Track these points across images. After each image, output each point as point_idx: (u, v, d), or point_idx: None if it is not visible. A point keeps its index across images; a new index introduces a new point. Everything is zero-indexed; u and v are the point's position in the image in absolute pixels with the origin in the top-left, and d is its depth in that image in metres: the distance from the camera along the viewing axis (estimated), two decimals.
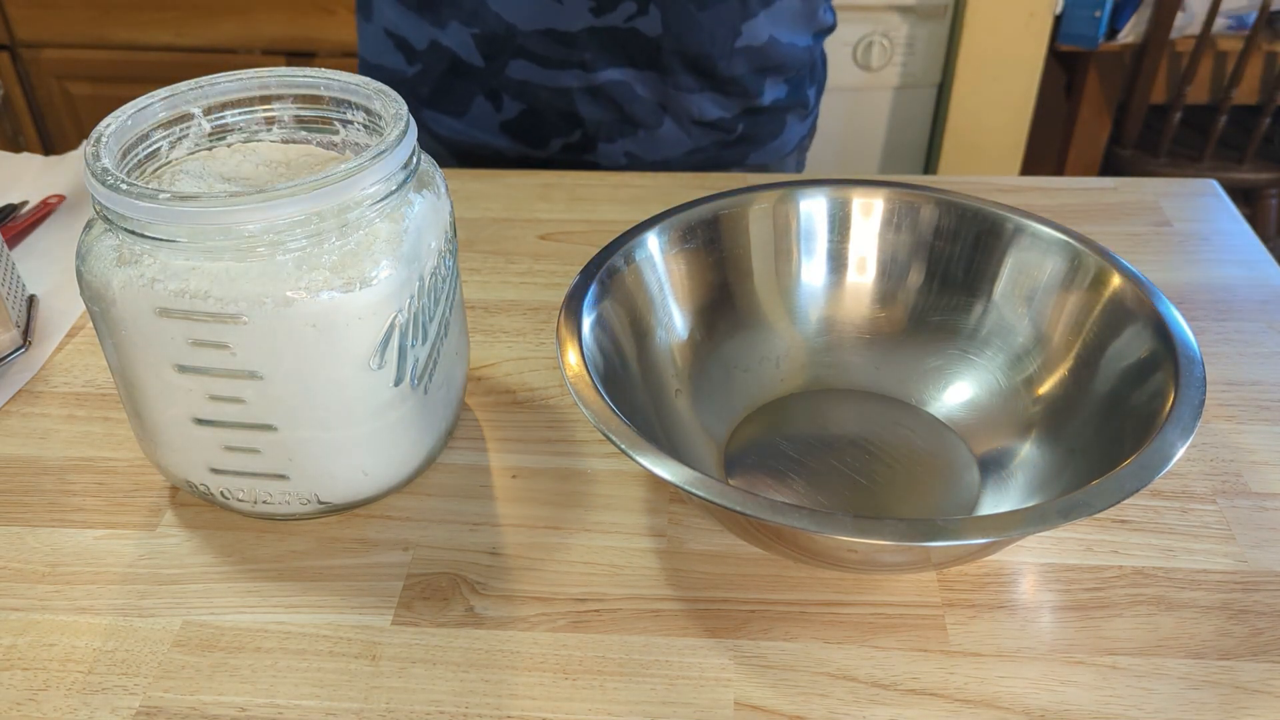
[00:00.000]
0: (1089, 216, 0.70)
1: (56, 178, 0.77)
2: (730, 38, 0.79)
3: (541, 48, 0.78)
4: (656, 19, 0.77)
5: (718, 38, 0.79)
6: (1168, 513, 0.48)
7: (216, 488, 0.46)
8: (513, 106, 0.82)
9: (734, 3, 0.78)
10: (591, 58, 0.79)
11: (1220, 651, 0.42)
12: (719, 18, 0.78)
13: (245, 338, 0.40)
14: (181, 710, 0.40)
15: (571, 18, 0.76)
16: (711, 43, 0.79)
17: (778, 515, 0.36)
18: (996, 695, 0.40)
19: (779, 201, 0.54)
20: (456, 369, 0.50)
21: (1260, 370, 0.56)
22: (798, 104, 0.88)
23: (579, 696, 0.40)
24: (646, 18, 0.76)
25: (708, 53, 0.79)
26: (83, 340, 0.61)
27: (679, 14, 0.76)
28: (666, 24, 0.77)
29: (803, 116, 0.90)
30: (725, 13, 0.78)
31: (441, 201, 0.46)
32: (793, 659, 0.42)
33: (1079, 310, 0.49)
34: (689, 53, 0.79)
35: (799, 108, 0.88)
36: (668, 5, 0.76)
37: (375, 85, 0.46)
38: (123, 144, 0.43)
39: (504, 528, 0.48)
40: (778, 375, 0.54)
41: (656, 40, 0.78)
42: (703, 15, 0.77)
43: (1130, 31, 1.67)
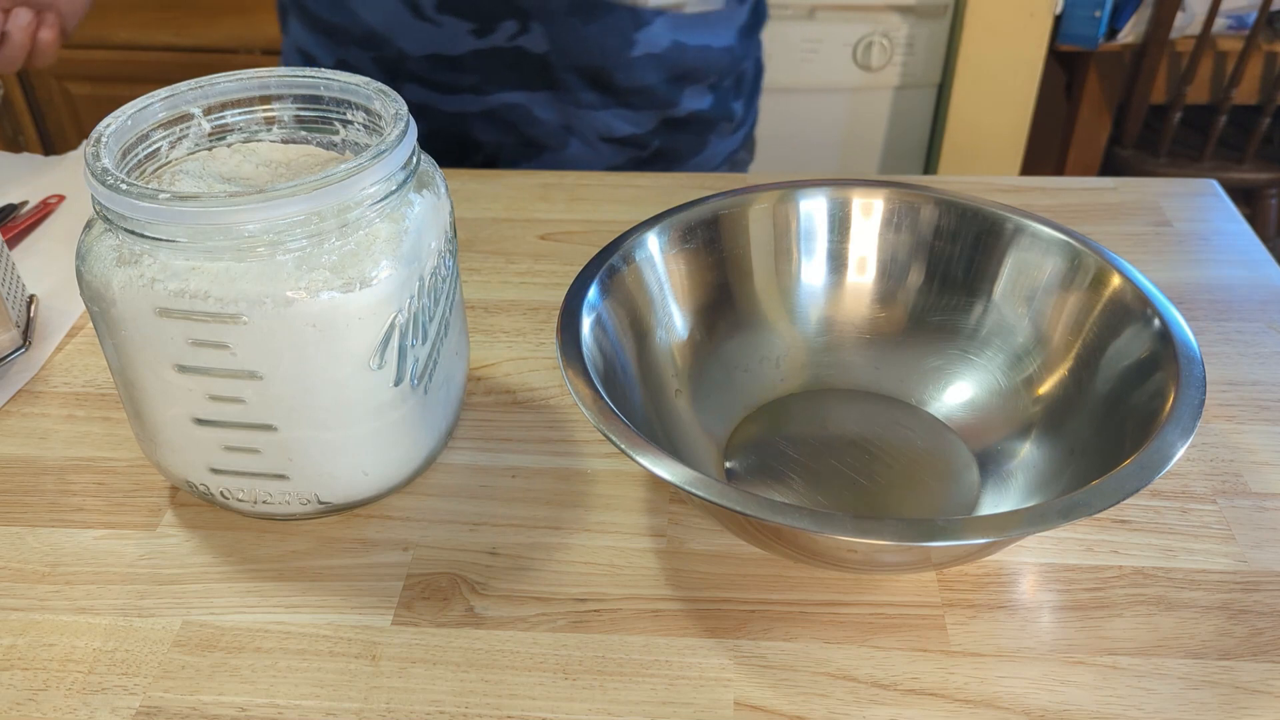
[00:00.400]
0: (1089, 216, 0.70)
1: (56, 178, 0.77)
2: (624, 48, 0.76)
3: (430, 72, 0.77)
4: (540, 35, 0.74)
5: (609, 49, 0.76)
6: (1168, 513, 0.48)
7: (216, 488, 0.46)
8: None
9: (622, 12, 0.75)
10: (481, 81, 0.77)
11: (1220, 651, 0.42)
12: (608, 29, 0.75)
13: (245, 338, 0.40)
14: (181, 710, 0.40)
15: (453, 42, 0.75)
16: (603, 54, 0.76)
17: (778, 515, 0.36)
18: (996, 695, 0.40)
19: (779, 201, 0.54)
20: (456, 369, 0.50)
21: (1260, 370, 0.56)
22: (721, 117, 0.84)
23: (579, 696, 0.40)
24: (530, 35, 0.74)
25: (600, 65, 0.77)
26: (83, 340, 0.61)
27: (563, 28, 0.74)
28: (552, 39, 0.75)
29: (729, 130, 0.86)
30: (614, 23, 0.75)
31: (441, 201, 0.46)
32: (793, 659, 0.42)
33: (1079, 310, 0.49)
34: (581, 67, 0.77)
35: (723, 121, 0.85)
36: (550, 20, 0.74)
37: (375, 85, 0.46)
38: (123, 144, 0.43)
39: (504, 528, 0.48)
40: (778, 375, 0.54)
41: (544, 57, 0.76)
42: (589, 28, 0.74)
43: (1130, 31, 1.67)
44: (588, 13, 0.74)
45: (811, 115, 1.78)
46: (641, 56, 0.77)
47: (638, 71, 0.78)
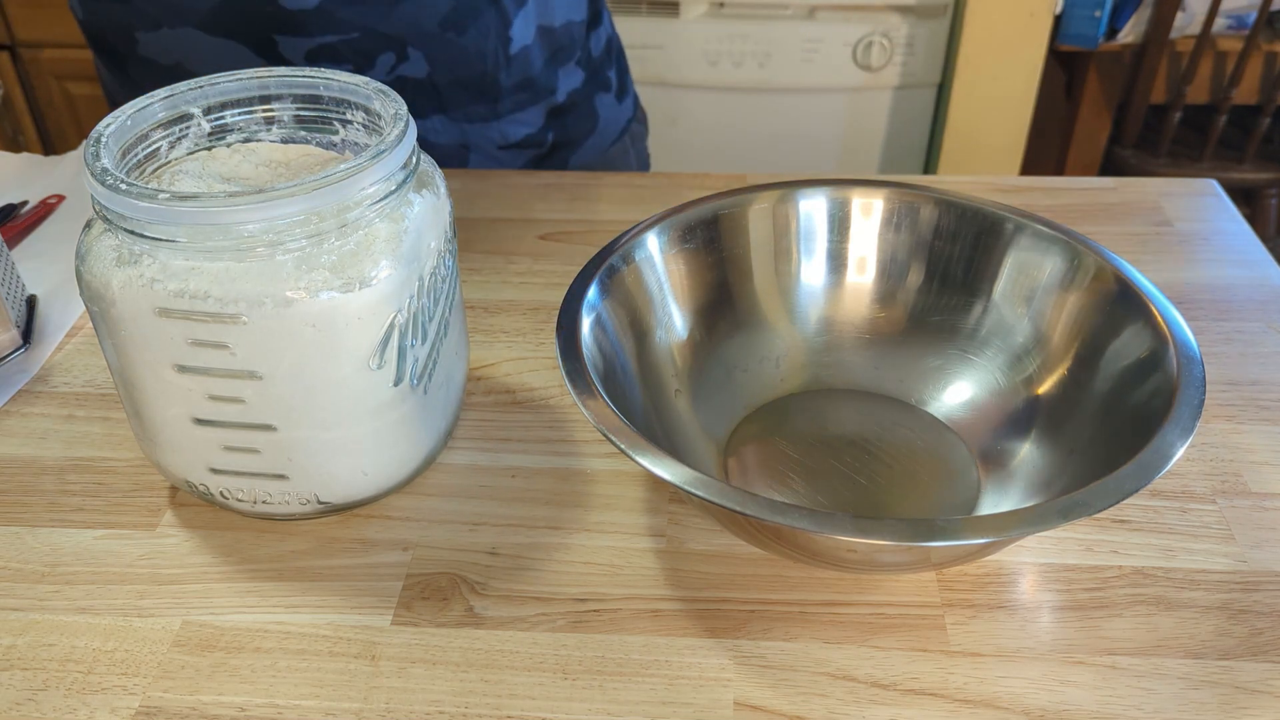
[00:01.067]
0: (1089, 216, 0.70)
1: (56, 178, 0.77)
2: (501, 47, 0.76)
3: None
4: (420, 60, 0.74)
5: (488, 53, 0.76)
6: (1168, 513, 0.48)
7: (216, 488, 0.46)
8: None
9: (491, 15, 0.74)
10: None
11: (1220, 651, 0.42)
12: (482, 33, 0.74)
13: (245, 338, 0.40)
14: (181, 710, 0.40)
15: None
16: (483, 60, 0.76)
17: (778, 515, 0.36)
18: (996, 695, 0.40)
19: (779, 201, 0.54)
20: (456, 369, 0.50)
21: (1260, 370, 0.56)
22: (599, 87, 0.84)
23: (579, 696, 0.40)
24: (409, 62, 0.74)
25: (482, 71, 0.76)
26: (83, 340, 0.61)
27: (440, 45, 0.73)
28: (431, 60, 0.74)
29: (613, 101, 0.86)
30: (487, 26, 0.74)
31: (441, 201, 0.46)
32: (793, 659, 0.42)
33: (1079, 310, 0.49)
34: (465, 79, 0.76)
35: (601, 90, 0.85)
36: (427, 42, 0.73)
37: (375, 85, 0.46)
38: (122, 144, 0.43)
39: (504, 528, 0.48)
40: (778, 375, 0.54)
41: (429, 80, 0.75)
42: (465, 39, 0.74)
43: (1130, 31, 1.67)
44: (459, 24, 0.73)
45: (811, 115, 1.78)
46: (518, 52, 0.77)
47: (517, 67, 0.78)
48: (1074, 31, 1.67)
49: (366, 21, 0.71)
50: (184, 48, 0.72)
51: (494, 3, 0.74)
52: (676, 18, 1.69)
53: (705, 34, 1.70)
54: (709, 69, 1.73)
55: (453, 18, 0.73)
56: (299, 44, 0.71)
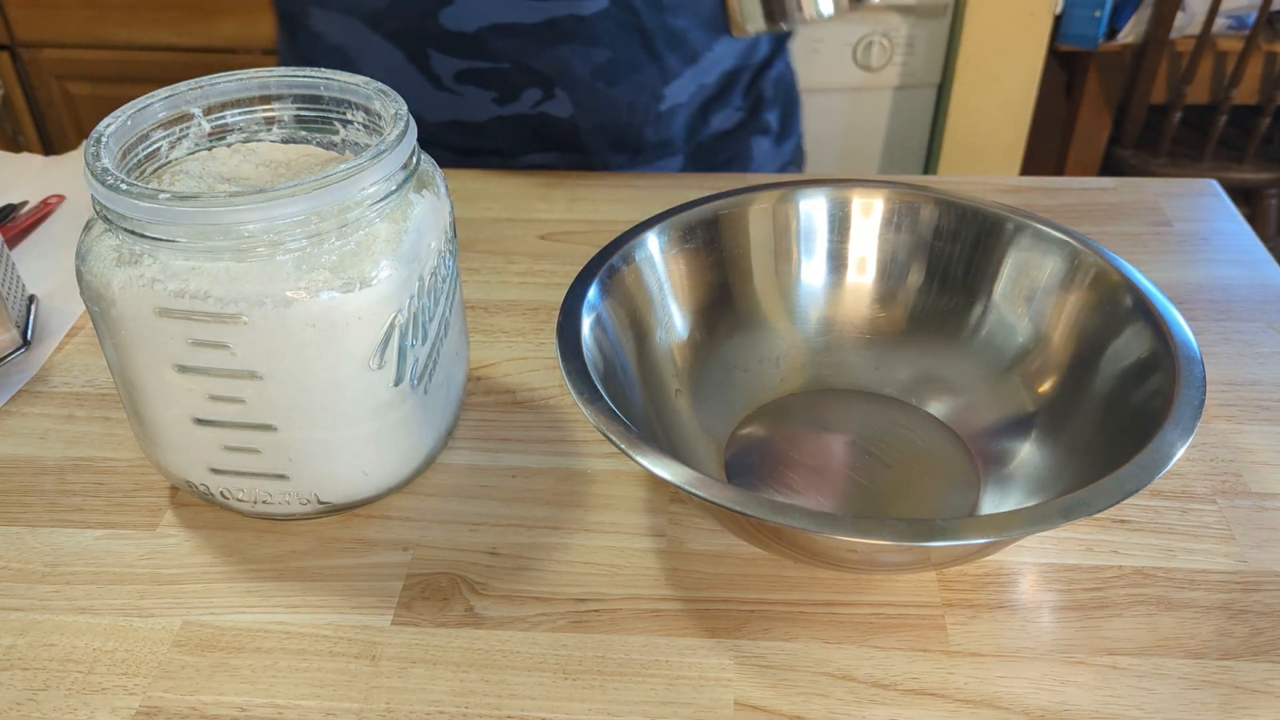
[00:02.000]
0: (1089, 216, 0.70)
1: (56, 178, 0.77)
2: (652, 103, 0.74)
3: (451, 138, 0.76)
4: (565, 101, 0.73)
5: (636, 108, 0.74)
6: (1168, 513, 0.48)
7: (216, 488, 0.46)
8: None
9: (650, 71, 0.72)
10: (505, 144, 0.76)
11: (1220, 651, 0.42)
12: (635, 88, 0.73)
13: (245, 338, 0.40)
14: (181, 710, 0.40)
15: (475, 109, 0.74)
16: (630, 113, 0.74)
17: (778, 515, 0.36)
18: (996, 695, 0.40)
19: (779, 201, 0.54)
20: (456, 369, 0.50)
21: (1260, 370, 0.56)
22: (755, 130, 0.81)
23: (579, 696, 0.40)
24: (554, 101, 0.73)
25: (627, 123, 0.75)
26: (83, 340, 0.61)
27: (587, 93, 0.72)
28: (577, 104, 0.73)
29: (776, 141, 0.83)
30: (642, 82, 0.73)
31: (441, 201, 0.46)
32: (793, 659, 0.42)
33: (1079, 310, 0.49)
34: (607, 128, 0.75)
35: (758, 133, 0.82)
36: (574, 86, 0.72)
37: (375, 85, 0.46)
38: (123, 144, 0.43)
39: (504, 528, 0.48)
40: (778, 375, 0.54)
41: (570, 121, 0.74)
42: (616, 90, 0.72)
43: (1130, 31, 1.67)
44: (612, 76, 0.72)
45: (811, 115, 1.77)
46: (668, 109, 0.75)
47: (664, 124, 0.76)
48: (1074, 31, 1.67)
49: (520, 56, 0.70)
50: (348, 35, 0.73)
51: (656, 60, 0.72)
52: None
53: None
54: None
55: (607, 69, 0.72)
56: (450, 63, 0.71)
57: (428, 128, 0.75)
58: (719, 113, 0.79)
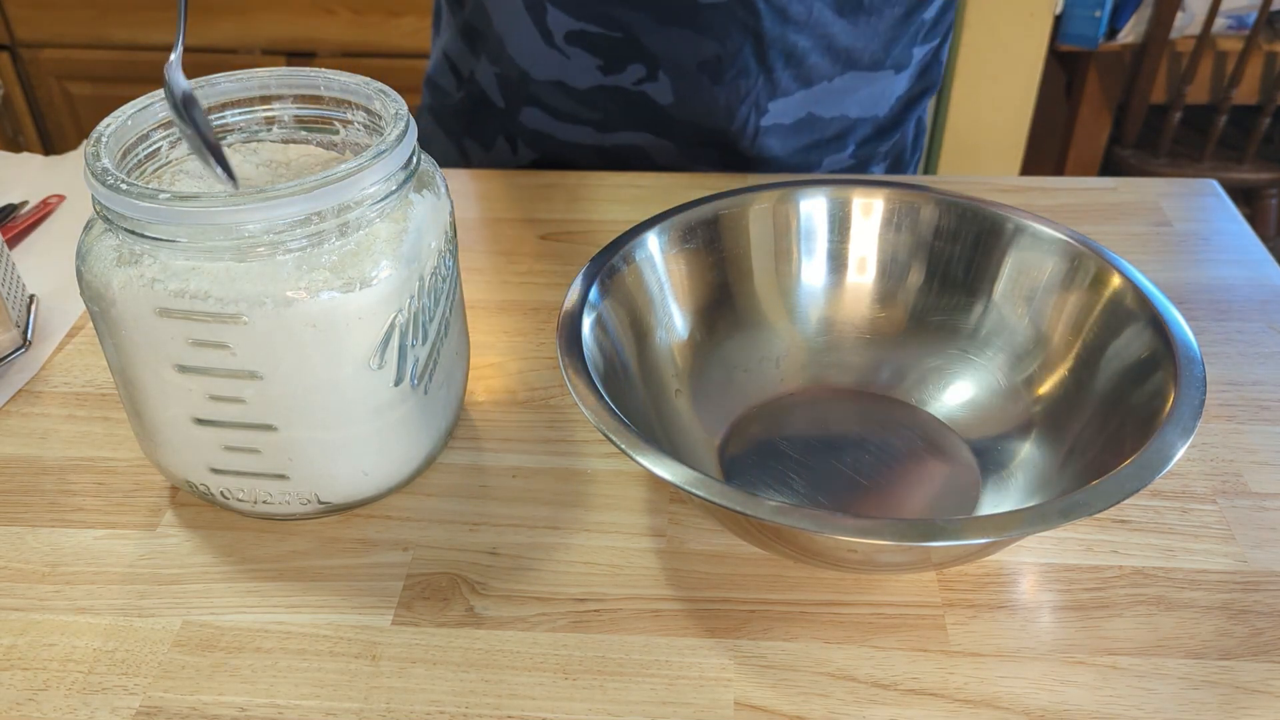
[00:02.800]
0: (1089, 216, 0.70)
1: (56, 178, 0.77)
2: (753, 115, 0.72)
3: (553, 99, 0.75)
4: (666, 86, 0.72)
5: (736, 114, 0.72)
6: (1168, 513, 0.48)
7: (216, 488, 0.46)
8: (527, 154, 0.79)
9: (756, 77, 0.70)
10: (604, 118, 0.75)
11: (1220, 651, 0.42)
12: (736, 92, 0.70)
13: (245, 338, 0.40)
14: (181, 710, 0.40)
15: (579, 73, 0.73)
16: (729, 118, 0.72)
17: (778, 515, 0.36)
18: (996, 695, 0.40)
19: (779, 201, 0.54)
20: (456, 369, 0.50)
21: (1260, 370, 0.56)
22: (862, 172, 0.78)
23: (579, 696, 0.40)
24: (656, 84, 0.72)
25: (724, 128, 0.73)
26: (83, 340, 0.61)
27: (690, 84, 0.71)
28: (677, 93, 0.72)
29: None
30: (745, 87, 0.70)
31: (441, 201, 0.46)
32: (793, 659, 0.42)
33: (1079, 310, 0.49)
34: (703, 128, 0.73)
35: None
36: (678, 73, 0.70)
37: (375, 85, 0.46)
38: (123, 144, 0.43)
39: (504, 528, 0.48)
40: (778, 375, 0.54)
41: (668, 109, 0.73)
42: (718, 89, 0.70)
43: (1130, 31, 1.67)
44: (717, 71, 0.70)
45: None
46: (772, 127, 0.73)
47: (763, 141, 0.74)
48: (1074, 31, 1.67)
49: (631, 27, 0.69)
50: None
51: (765, 70, 0.70)
52: None
53: None
54: None
55: (713, 63, 0.70)
56: (564, 21, 0.71)
57: (533, 84, 0.75)
58: (833, 155, 0.77)
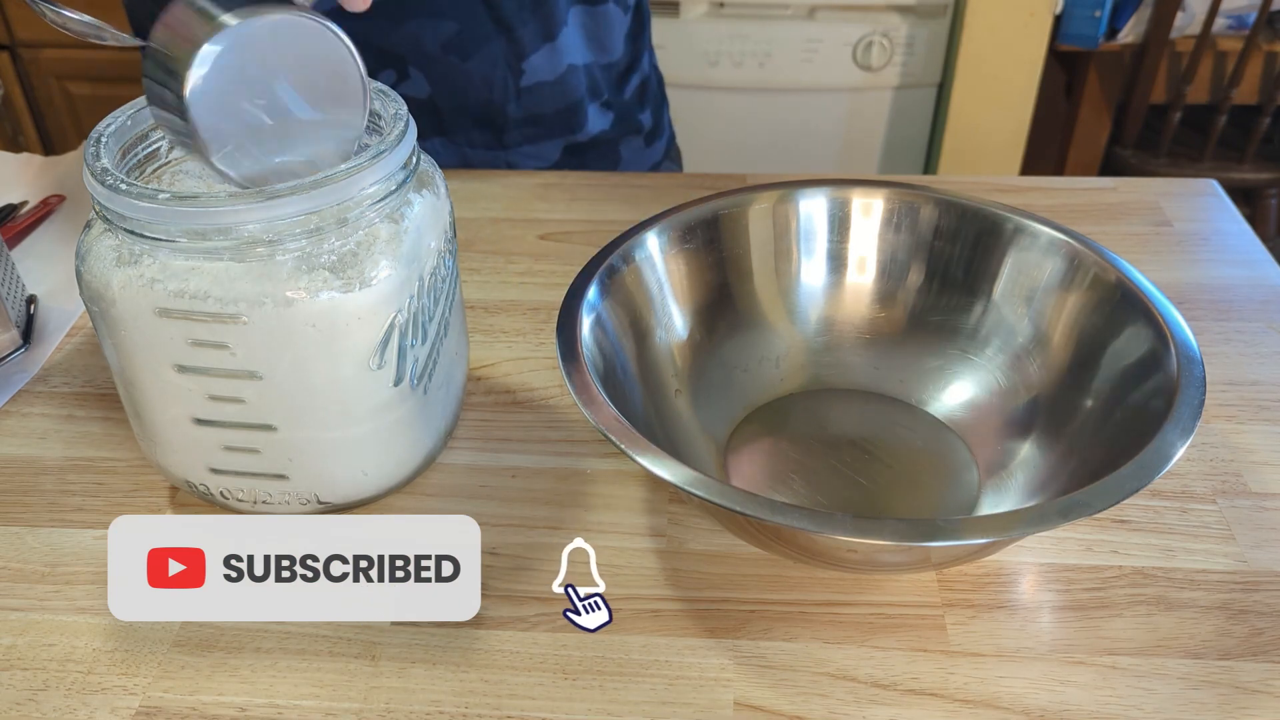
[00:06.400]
0: (1089, 216, 0.70)
1: (56, 178, 0.77)
2: (510, 78, 0.74)
3: None
4: (421, 81, 0.73)
5: (495, 82, 0.73)
6: (1168, 513, 0.48)
7: (216, 488, 0.46)
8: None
9: (499, 44, 0.72)
10: None
11: (1220, 651, 0.42)
12: (489, 62, 0.72)
13: (245, 338, 0.40)
14: (181, 710, 0.40)
15: None
16: (489, 88, 0.74)
17: (778, 515, 0.36)
18: (996, 695, 0.40)
19: (779, 201, 0.54)
20: (456, 369, 0.50)
21: (1260, 370, 0.56)
22: (628, 130, 0.82)
23: (579, 696, 0.40)
24: (410, 81, 0.73)
25: (487, 99, 0.74)
26: (83, 340, 0.61)
27: (442, 69, 0.72)
28: (433, 82, 0.73)
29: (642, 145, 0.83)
30: (493, 55, 0.72)
31: (441, 201, 0.46)
32: (793, 659, 0.42)
33: (1079, 310, 0.49)
34: (468, 106, 0.74)
35: (630, 133, 0.82)
36: (428, 64, 0.72)
37: (375, 85, 0.46)
38: (123, 144, 0.43)
39: (504, 528, 0.48)
40: (778, 375, 0.54)
41: (430, 101, 0.74)
42: (469, 64, 0.72)
43: (1130, 31, 1.67)
44: (462, 49, 0.72)
45: (811, 115, 1.78)
46: (532, 86, 0.75)
47: (528, 101, 0.75)
48: (1074, 31, 1.67)
49: (369, 37, 0.70)
50: None
51: (506, 31, 0.72)
52: (676, 18, 1.69)
53: (705, 34, 1.70)
54: (709, 69, 1.73)
55: (456, 42, 0.71)
56: None
57: None
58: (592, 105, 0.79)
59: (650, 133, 0.85)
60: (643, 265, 0.50)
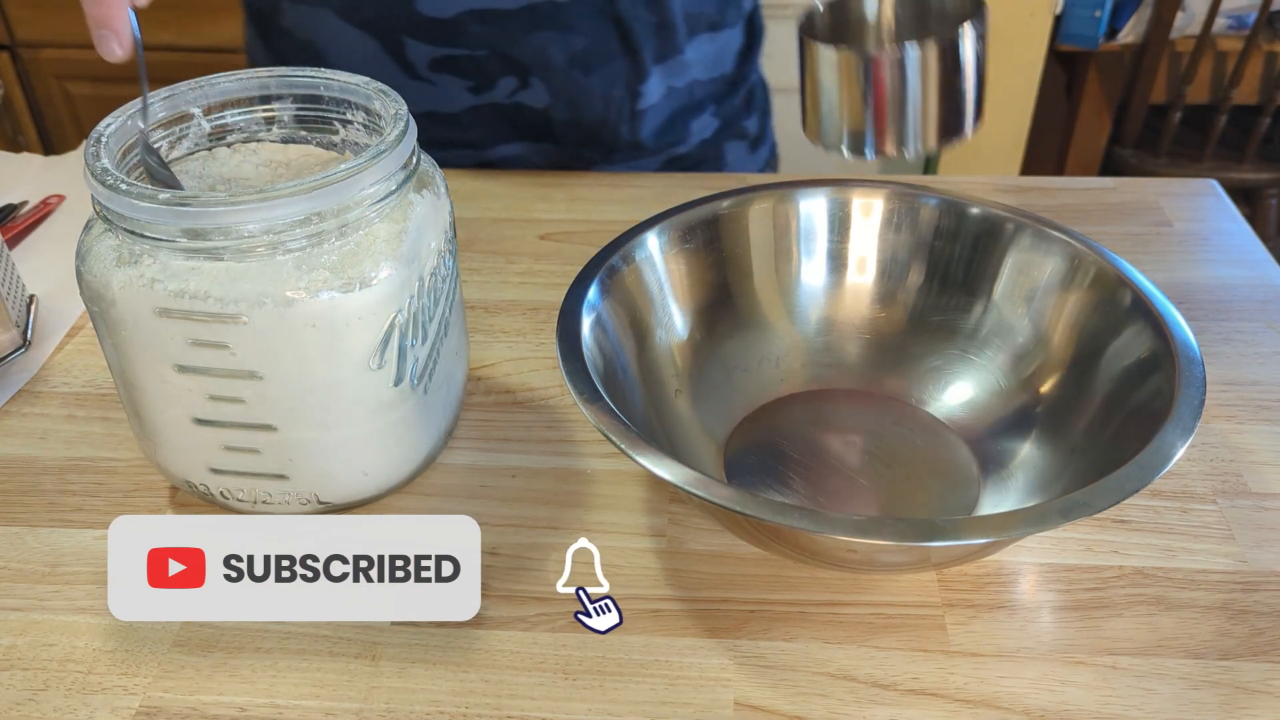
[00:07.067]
0: (1089, 216, 0.70)
1: (56, 178, 0.77)
2: (627, 100, 0.74)
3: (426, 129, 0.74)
4: (541, 90, 0.73)
5: (612, 102, 0.73)
6: (1168, 513, 0.48)
7: (216, 488, 0.46)
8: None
9: (624, 63, 0.72)
10: (479, 135, 0.76)
11: (1220, 651, 0.42)
12: (610, 80, 0.72)
13: (245, 338, 0.40)
14: (181, 710, 0.40)
15: (449, 99, 0.73)
16: (605, 107, 0.74)
17: (778, 515, 0.36)
18: (996, 695, 0.40)
19: (779, 201, 0.54)
20: (456, 369, 0.50)
21: (1260, 370, 0.56)
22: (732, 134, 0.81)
23: (579, 696, 0.40)
24: (530, 90, 0.73)
25: (603, 118, 0.74)
26: (83, 340, 0.61)
27: (563, 83, 0.72)
28: (553, 93, 0.73)
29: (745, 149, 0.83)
30: (616, 73, 0.72)
31: (441, 201, 0.46)
32: (793, 659, 0.42)
33: (1079, 310, 0.49)
34: (583, 122, 0.74)
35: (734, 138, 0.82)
36: (550, 74, 0.71)
37: (375, 85, 0.46)
38: (123, 144, 0.43)
39: (504, 528, 0.48)
40: (778, 375, 0.54)
41: (545, 112, 0.74)
42: (590, 80, 0.72)
43: (1130, 31, 1.67)
44: (587, 64, 0.71)
45: None
46: (646, 109, 0.75)
47: (639, 125, 0.75)
48: (1074, 31, 1.67)
49: (497, 43, 0.70)
50: (320, 29, 0.72)
51: (631, 53, 0.72)
52: None
53: None
54: None
55: (582, 57, 0.71)
56: (425, 51, 0.71)
57: None
58: (697, 118, 0.79)
59: (755, 139, 0.84)
60: (643, 265, 0.50)
